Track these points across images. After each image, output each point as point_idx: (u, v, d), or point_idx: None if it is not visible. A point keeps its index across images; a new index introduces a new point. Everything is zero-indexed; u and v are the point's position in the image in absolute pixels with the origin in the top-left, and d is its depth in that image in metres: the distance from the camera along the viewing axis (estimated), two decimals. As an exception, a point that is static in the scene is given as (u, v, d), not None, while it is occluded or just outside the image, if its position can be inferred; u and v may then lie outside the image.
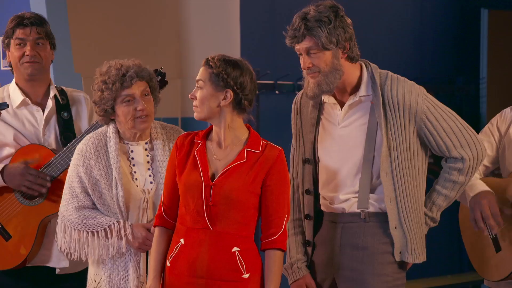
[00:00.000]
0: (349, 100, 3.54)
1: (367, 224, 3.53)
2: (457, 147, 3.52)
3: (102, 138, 3.60)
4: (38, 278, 4.05)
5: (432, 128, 3.50)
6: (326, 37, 3.41)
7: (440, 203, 3.58)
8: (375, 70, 3.54)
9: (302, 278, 3.64)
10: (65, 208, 3.60)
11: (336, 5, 3.46)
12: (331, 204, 3.59)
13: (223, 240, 3.32)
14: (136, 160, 3.61)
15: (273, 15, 6.55)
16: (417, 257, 3.52)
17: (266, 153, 3.35)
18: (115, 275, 3.57)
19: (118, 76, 3.52)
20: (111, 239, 3.53)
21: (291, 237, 3.65)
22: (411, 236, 3.50)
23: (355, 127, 3.54)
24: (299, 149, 3.65)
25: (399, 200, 3.49)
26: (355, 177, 3.53)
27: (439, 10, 7.72)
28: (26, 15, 4.04)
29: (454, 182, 3.54)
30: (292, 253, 3.66)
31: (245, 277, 3.32)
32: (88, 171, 3.57)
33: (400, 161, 3.49)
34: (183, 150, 3.40)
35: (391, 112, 3.49)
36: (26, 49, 3.98)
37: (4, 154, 4.00)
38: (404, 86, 3.50)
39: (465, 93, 7.79)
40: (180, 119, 6.73)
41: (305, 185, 3.63)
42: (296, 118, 3.69)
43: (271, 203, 3.34)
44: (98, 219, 3.55)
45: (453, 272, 7.73)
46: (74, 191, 3.59)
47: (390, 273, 3.51)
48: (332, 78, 3.46)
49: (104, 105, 3.55)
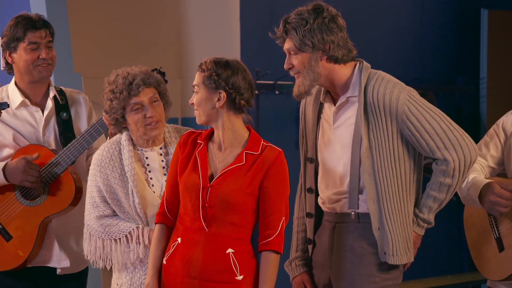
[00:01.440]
0: (339, 101, 3.56)
1: (357, 224, 3.54)
2: (440, 148, 3.47)
3: (117, 147, 3.61)
4: (38, 278, 4.05)
5: (414, 129, 3.46)
6: (300, 39, 3.44)
7: (430, 204, 3.54)
8: (364, 69, 3.53)
9: (300, 275, 3.68)
10: (89, 217, 3.63)
11: (322, 7, 3.47)
12: (325, 204, 3.61)
13: (218, 242, 3.33)
14: (152, 166, 3.62)
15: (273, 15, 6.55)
16: (399, 258, 3.49)
17: (265, 154, 3.36)
18: (136, 279, 3.58)
19: (125, 85, 3.53)
20: (132, 245, 3.54)
21: (294, 235, 3.70)
22: (393, 237, 3.48)
23: (344, 128, 3.55)
24: (303, 148, 3.68)
25: (382, 200, 3.47)
26: (345, 177, 3.54)
27: (439, 10, 7.72)
28: (33, 16, 4.01)
29: (440, 184, 3.51)
30: (292, 251, 3.71)
31: (238, 278, 3.33)
32: (105, 180, 3.58)
33: (382, 161, 3.47)
34: (186, 149, 3.42)
35: (372, 113, 3.48)
36: (41, 52, 3.97)
37: (3, 155, 3.99)
38: (386, 86, 3.47)
39: (465, 93, 7.78)
40: (180, 119, 6.73)
41: (307, 184, 3.66)
42: (301, 117, 3.73)
43: (268, 205, 3.34)
44: (119, 226, 3.57)
45: (453, 272, 7.72)
46: (94, 200, 3.61)
47: (378, 274, 3.51)
48: (308, 79, 3.48)
49: (114, 114, 3.56)
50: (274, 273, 3.36)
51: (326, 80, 3.53)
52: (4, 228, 3.97)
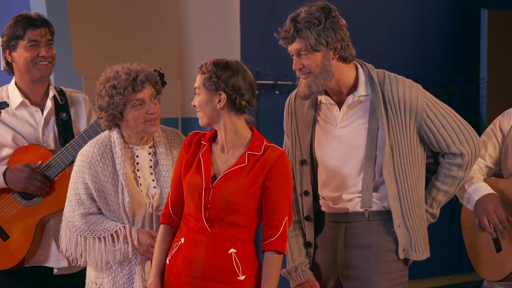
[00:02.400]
0: (348, 100, 3.54)
1: (371, 223, 3.54)
2: (456, 143, 3.54)
3: (108, 144, 3.60)
4: (36, 278, 4.04)
5: (432, 125, 3.52)
6: (315, 38, 3.41)
7: (440, 199, 3.61)
8: (371, 69, 3.54)
9: (307, 281, 3.65)
10: (71, 214, 3.60)
11: (329, 6, 3.47)
12: (334, 205, 3.59)
13: (220, 242, 3.32)
14: (141, 165, 3.61)
15: (273, 15, 6.55)
16: (421, 254, 3.55)
17: (267, 155, 3.34)
18: (119, 278, 3.57)
19: (129, 81, 3.52)
20: (118, 245, 3.53)
21: (291, 239, 3.64)
22: (414, 233, 3.52)
23: (355, 127, 3.54)
24: (295, 150, 3.64)
25: (402, 198, 3.50)
26: (357, 176, 3.54)
27: (439, 10, 7.72)
28: (33, 15, 4.01)
29: (453, 178, 3.57)
30: (294, 256, 3.65)
31: (240, 278, 3.33)
32: (94, 177, 3.56)
33: (402, 159, 3.50)
34: (191, 150, 3.42)
35: (392, 111, 3.50)
36: (41, 50, 3.96)
37: (3, 154, 3.99)
38: (404, 84, 3.51)
39: (465, 93, 7.79)
40: (180, 119, 6.73)
41: (303, 187, 3.63)
42: (290, 118, 3.68)
43: (270, 205, 3.33)
44: (104, 225, 3.55)
45: (453, 272, 7.73)
46: (80, 197, 3.59)
47: (395, 271, 3.53)
48: (322, 79, 3.47)
49: (112, 110, 3.54)
50: (277, 273, 3.34)
51: (334, 80, 3.51)
52: (1, 227, 3.97)
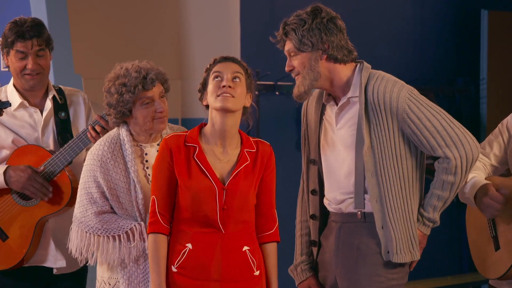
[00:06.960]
0: (340, 102, 3.56)
1: (363, 224, 3.55)
2: (441, 146, 3.47)
3: (117, 142, 3.59)
4: (35, 278, 4.04)
5: (414, 127, 3.46)
6: (299, 39, 3.47)
7: (434, 203, 3.54)
8: (364, 70, 3.54)
9: (307, 280, 3.70)
10: (83, 214, 3.56)
11: (320, 8, 3.50)
12: (331, 205, 3.62)
13: (234, 241, 3.37)
14: (150, 162, 3.60)
15: (273, 16, 6.55)
16: (403, 257, 3.50)
17: (261, 149, 3.45)
18: (135, 277, 3.55)
19: (139, 79, 3.52)
20: (134, 242, 3.52)
21: (298, 239, 3.72)
22: (396, 235, 3.49)
23: (347, 128, 3.56)
24: (305, 150, 3.69)
25: (384, 199, 3.48)
26: (350, 177, 3.55)
27: (439, 11, 7.72)
28: (26, 24, 3.94)
29: (443, 182, 3.51)
30: (297, 255, 3.72)
31: (256, 274, 3.39)
32: (106, 175, 3.55)
33: (384, 160, 3.48)
34: (181, 154, 3.40)
35: (373, 112, 3.49)
36: (28, 62, 3.92)
37: (2, 155, 3.99)
38: (386, 85, 3.48)
39: (465, 94, 7.79)
40: (180, 119, 6.73)
41: (310, 186, 3.67)
42: (303, 119, 3.74)
43: (268, 198, 3.45)
44: (118, 223, 3.53)
45: (453, 273, 7.73)
46: (92, 196, 3.55)
47: (383, 274, 3.51)
48: (308, 79, 3.50)
49: (121, 108, 3.54)
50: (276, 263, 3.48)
51: (326, 80, 3.53)
52: (0, 228, 3.97)
